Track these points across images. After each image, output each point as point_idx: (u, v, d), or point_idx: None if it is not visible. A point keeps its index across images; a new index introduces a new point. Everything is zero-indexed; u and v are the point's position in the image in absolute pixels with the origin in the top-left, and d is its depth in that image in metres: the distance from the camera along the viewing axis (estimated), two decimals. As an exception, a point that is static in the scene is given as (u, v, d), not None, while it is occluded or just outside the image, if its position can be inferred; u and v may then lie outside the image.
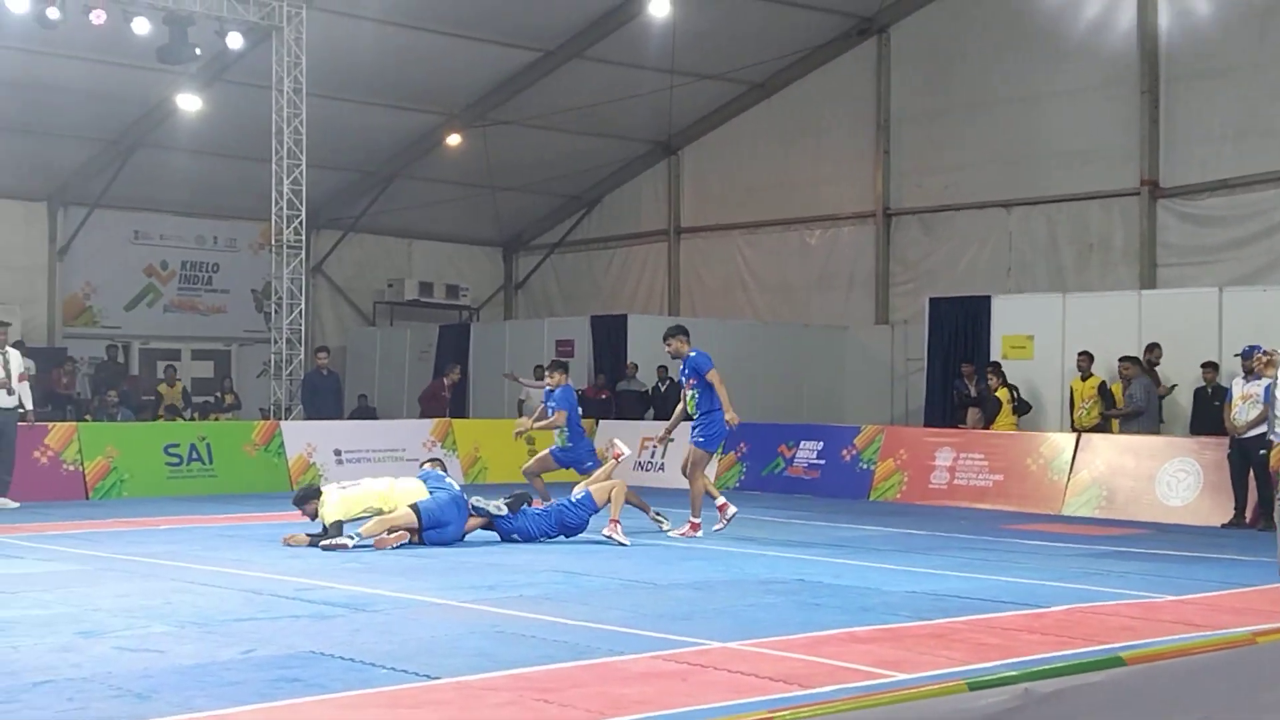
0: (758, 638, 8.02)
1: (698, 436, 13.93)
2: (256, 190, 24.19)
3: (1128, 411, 18.58)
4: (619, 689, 6.68)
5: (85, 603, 9.23)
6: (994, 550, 12.98)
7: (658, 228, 30.77)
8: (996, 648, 7.83)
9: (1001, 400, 19.85)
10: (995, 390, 19.88)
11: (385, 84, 25.63)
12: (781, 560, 11.92)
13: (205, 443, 19.21)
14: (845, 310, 27.62)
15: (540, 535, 13.04)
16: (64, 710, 6.13)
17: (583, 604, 9.35)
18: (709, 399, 13.77)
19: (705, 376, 13.73)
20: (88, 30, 20.23)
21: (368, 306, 31.83)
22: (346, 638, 7.94)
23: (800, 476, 19.82)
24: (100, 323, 28.55)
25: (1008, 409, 19.88)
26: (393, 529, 12.40)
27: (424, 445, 20.62)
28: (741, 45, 26.38)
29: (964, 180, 25.69)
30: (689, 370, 13.85)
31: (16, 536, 13.43)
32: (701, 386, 13.78)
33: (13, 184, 26.73)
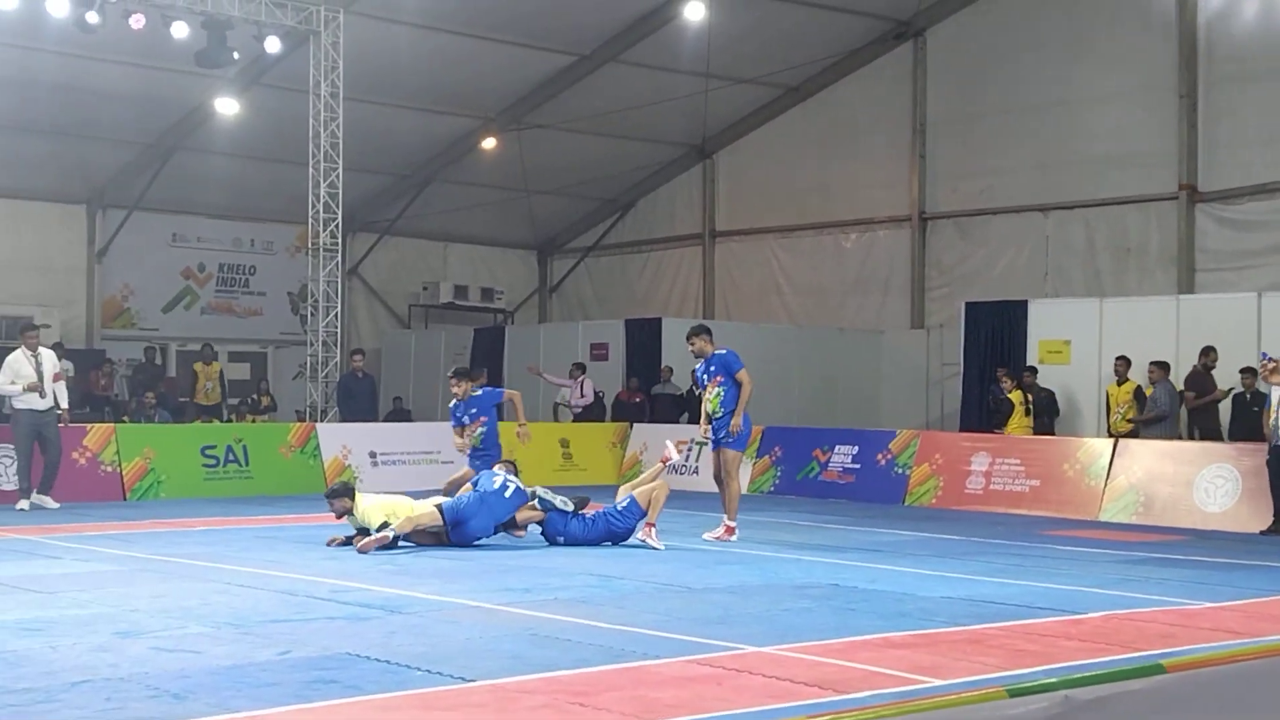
0: (792, 642, 8.00)
1: (728, 438, 13.78)
2: (293, 193, 24.31)
3: (1150, 417, 18.56)
4: (653, 692, 6.67)
5: (123, 603, 9.29)
6: (1030, 556, 12.90)
7: (692, 231, 30.76)
8: (1034, 654, 7.78)
9: (1014, 403, 19.94)
10: (1009, 393, 19.98)
11: (421, 88, 25.72)
12: (816, 565, 11.89)
13: (241, 444, 19.32)
14: (880, 314, 27.54)
15: (585, 542, 13.02)
16: (102, 710, 6.17)
17: (617, 607, 9.35)
18: (735, 398, 13.66)
19: (736, 375, 13.64)
20: (127, 34, 20.38)
21: (403, 309, 31.94)
22: (382, 639, 7.96)
23: (835, 481, 19.77)
24: (138, 325, 28.74)
25: (1020, 411, 19.97)
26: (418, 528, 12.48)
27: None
28: (777, 49, 26.34)
29: (1000, 184, 25.58)
30: (718, 367, 13.69)
31: (55, 537, 13.53)
32: (729, 385, 13.68)
33: (52, 187, 26.94)
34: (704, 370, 13.89)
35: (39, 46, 21.63)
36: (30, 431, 16.29)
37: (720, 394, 13.71)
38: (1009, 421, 19.94)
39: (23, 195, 26.69)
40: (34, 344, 16.55)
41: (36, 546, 12.77)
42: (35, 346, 16.53)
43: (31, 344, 16.53)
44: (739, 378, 13.64)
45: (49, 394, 16.39)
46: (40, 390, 16.25)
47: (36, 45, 21.59)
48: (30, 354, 16.40)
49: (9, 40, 21.37)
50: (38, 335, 16.85)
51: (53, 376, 16.50)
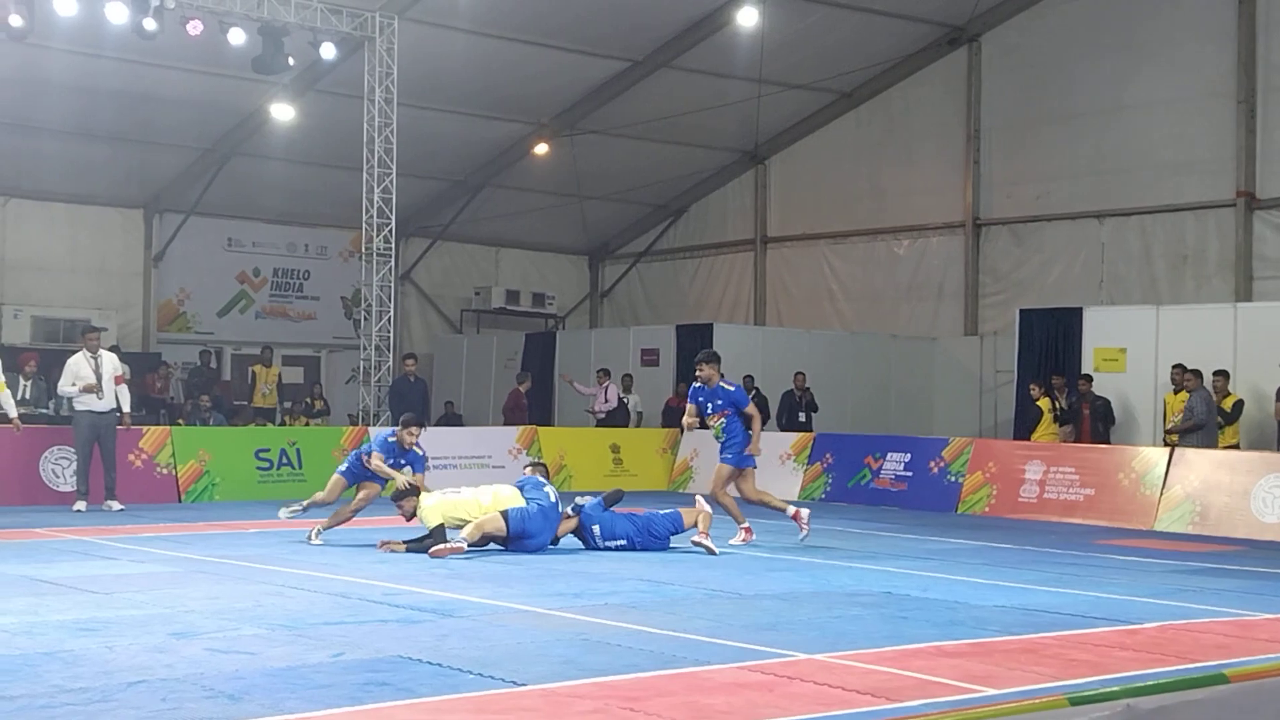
0: (844, 650, 7.96)
1: (728, 454, 14.12)
2: (347, 199, 24.49)
3: (1187, 425, 18.49)
4: (704, 698, 6.66)
5: (178, 604, 9.37)
6: (1085, 565, 12.79)
7: (744, 237, 30.72)
8: (1088, 664, 7.71)
9: (1043, 410, 20.17)
10: (1037, 400, 20.22)
11: (475, 93, 25.83)
12: (868, 572, 11.83)
13: (295, 447, 19.46)
14: (934, 321, 27.41)
15: (622, 534, 13.11)
16: (158, 710, 6.22)
17: (668, 613, 9.34)
18: (737, 428, 14.07)
19: (745, 410, 14.08)
20: (185, 41, 20.58)
21: (455, 314, 32.07)
22: (434, 643, 7.99)
23: (887, 488, 19.67)
24: (194, 328, 29.01)
25: (1048, 418, 20.18)
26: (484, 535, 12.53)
27: (509, 452, 20.75)
28: (830, 54, 26.29)
29: (1056, 190, 25.41)
30: (726, 403, 14.05)
31: (112, 538, 13.68)
32: (735, 417, 14.08)
33: (111, 192, 27.25)
34: (708, 399, 14.09)
35: (100, 53, 21.90)
36: (89, 433, 16.46)
37: (724, 423, 14.09)
38: (1037, 428, 20.17)
39: (82, 200, 27.02)
40: (94, 346, 16.72)
41: (93, 547, 12.91)
42: (96, 349, 16.69)
43: (92, 346, 16.70)
44: (748, 411, 14.11)
45: (108, 396, 16.54)
46: (98, 392, 16.41)
47: (97, 52, 21.86)
48: (90, 356, 16.58)
49: (71, 47, 21.64)
50: (98, 337, 17.01)
51: (113, 379, 16.66)
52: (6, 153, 25.02)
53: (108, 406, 16.56)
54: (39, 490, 17.28)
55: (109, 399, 16.56)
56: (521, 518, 12.71)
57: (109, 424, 16.59)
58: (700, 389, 14.16)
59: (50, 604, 9.31)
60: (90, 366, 16.46)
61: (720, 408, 14.06)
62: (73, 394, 16.54)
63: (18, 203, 26.52)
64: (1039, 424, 20.31)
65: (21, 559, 11.82)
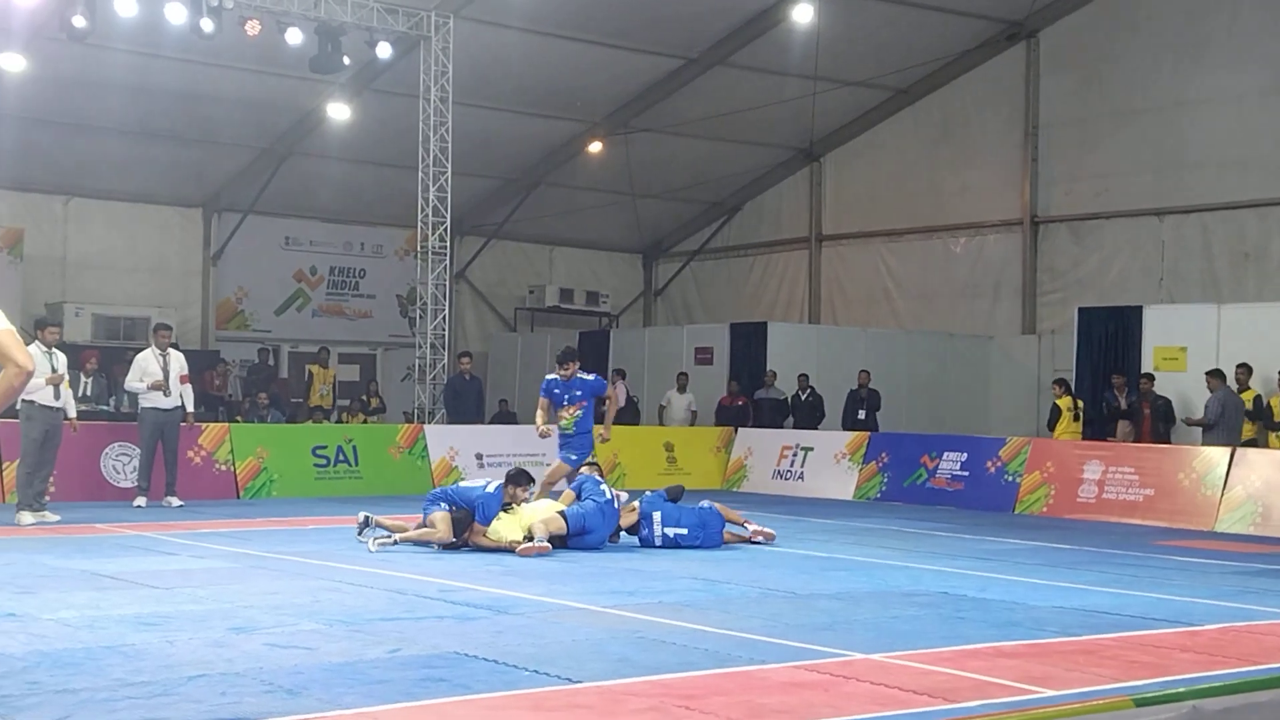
0: (901, 650, 7.92)
1: (570, 454, 14.30)
2: (403, 197, 24.60)
3: (1196, 421, 18.72)
4: (760, 698, 6.64)
5: (237, 599, 9.45)
6: (1144, 566, 12.66)
7: (799, 235, 30.62)
8: (1149, 665, 7.63)
9: (1062, 409, 20.49)
10: (1058, 399, 20.64)
11: (529, 92, 25.88)
12: (925, 572, 11.77)
13: (351, 445, 19.58)
14: (991, 319, 27.22)
15: (685, 523, 13.28)
16: (218, 704, 6.27)
17: (723, 612, 9.32)
18: (587, 425, 14.37)
19: (604, 395, 14.53)
20: (243, 41, 20.76)
21: (509, 312, 32.16)
22: (490, 639, 8.01)
23: (943, 488, 19.55)
24: (252, 326, 29.25)
25: (1067, 417, 20.44)
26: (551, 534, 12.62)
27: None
28: (886, 51, 26.15)
29: (1115, 187, 25.16)
30: (585, 393, 14.30)
31: (172, 534, 13.81)
32: (589, 413, 14.38)
33: (170, 191, 27.52)
34: (565, 390, 14.29)
35: (159, 54, 22.11)
36: (154, 430, 16.61)
37: (579, 415, 14.33)
38: (1057, 427, 20.46)
39: (142, 199, 27.30)
40: (164, 343, 16.85)
41: (154, 543, 13.04)
42: (165, 346, 16.82)
43: (162, 343, 16.84)
44: (607, 395, 14.58)
45: (174, 393, 16.68)
46: (164, 389, 16.56)
47: (156, 52, 22.08)
48: (159, 353, 16.72)
49: (130, 47, 21.87)
50: (169, 335, 17.17)
51: (179, 378, 16.75)
52: (68, 153, 25.31)
53: (173, 404, 16.69)
54: (100, 486, 17.47)
55: (174, 397, 16.70)
56: (580, 516, 12.86)
57: (173, 421, 16.74)
58: (555, 381, 14.30)
59: (112, 599, 9.42)
60: (159, 364, 16.62)
61: (579, 398, 14.29)
62: (140, 390, 16.68)
63: (79, 202, 26.84)
64: (1059, 423, 20.52)
65: (84, 554, 11.97)
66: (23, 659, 7.21)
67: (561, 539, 12.70)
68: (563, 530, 12.71)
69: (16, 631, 8.02)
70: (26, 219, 26.10)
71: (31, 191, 26.23)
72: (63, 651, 7.43)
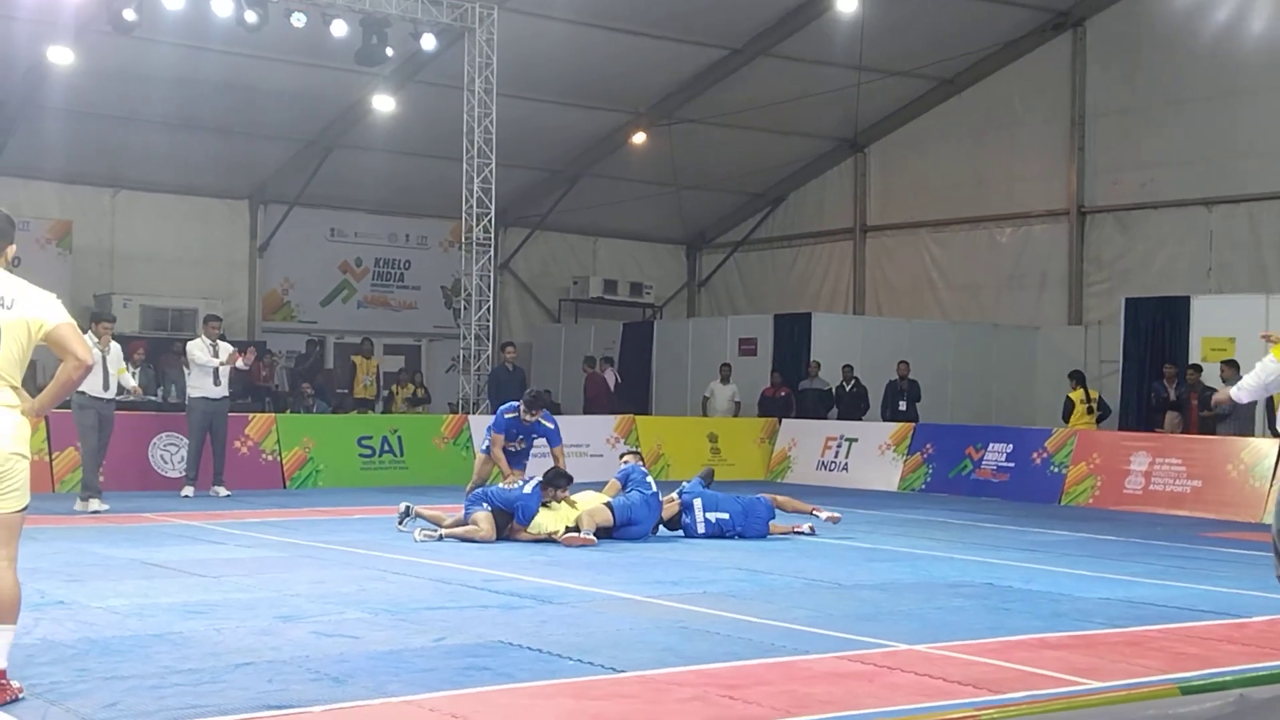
0: (946, 641, 7.90)
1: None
2: (447, 189, 24.67)
3: (1208, 414, 18.66)
4: (804, 688, 6.64)
5: (283, 588, 9.52)
6: (1191, 558, 12.57)
7: (843, 226, 30.51)
8: (1195, 657, 7.57)
9: (1075, 402, 20.90)
10: (1070, 392, 21.22)
11: (573, 83, 25.89)
12: (970, 564, 11.73)
13: (396, 435, 19.69)
14: (1037, 310, 27.04)
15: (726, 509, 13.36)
16: (265, 691, 6.33)
17: (766, 602, 9.32)
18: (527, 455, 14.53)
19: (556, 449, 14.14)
20: (289, 33, 20.86)
21: (553, 303, 32.21)
22: (534, 629, 8.04)
23: (988, 479, 19.47)
24: (298, 317, 29.42)
25: (1080, 409, 20.88)
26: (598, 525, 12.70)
27: (607, 441, 20.81)
28: (931, 41, 26.00)
29: (1162, 177, 24.93)
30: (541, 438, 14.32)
31: (219, 523, 13.93)
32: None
33: (217, 183, 27.71)
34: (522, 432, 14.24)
35: (205, 46, 22.25)
36: (203, 419, 16.73)
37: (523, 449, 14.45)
38: (1069, 419, 20.89)
39: (188, 191, 27.51)
40: (214, 334, 16.99)
41: (201, 532, 13.15)
42: (215, 337, 16.96)
43: (212, 334, 16.98)
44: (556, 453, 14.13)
45: (223, 384, 16.83)
46: (215, 378, 16.69)
47: (203, 45, 22.21)
48: (209, 343, 16.84)
49: (177, 40, 22.01)
50: (218, 326, 17.27)
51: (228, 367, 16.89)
52: (115, 145, 25.53)
53: (221, 394, 16.86)
54: (148, 476, 17.66)
55: (224, 387, 16.86)
56: (627, 507, 12.92)
57: (221, 411, 16.90)
58: (515, 421, 14.11)
59: (160, 587, 9.51)
60: (208, 353, 16.75)
61: (531, 440, 14.36)
62: (213, 364, 16.61)
63: (127, 194, 27.07)
64: (1072, 415, 20.91)
65: (132, 543, 12.09)
66: (72, 646, 7.30)
67: (607, 530, 12.75)
68: (609, 522, 12.77)
69: (66, 619, 8.12)
70: (75, 211, 26.36)
71: (80, 184, 26.48)
72: (112, 639, 7.51)
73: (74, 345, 6.05)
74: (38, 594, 9.05)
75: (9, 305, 5.99)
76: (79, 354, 6.05)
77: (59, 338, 6.04)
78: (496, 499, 12.83)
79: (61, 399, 6.39)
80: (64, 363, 6.09)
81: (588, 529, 12.49)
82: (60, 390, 6.18)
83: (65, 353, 6.05)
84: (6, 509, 6.05)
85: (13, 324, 5.98)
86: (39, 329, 6.03)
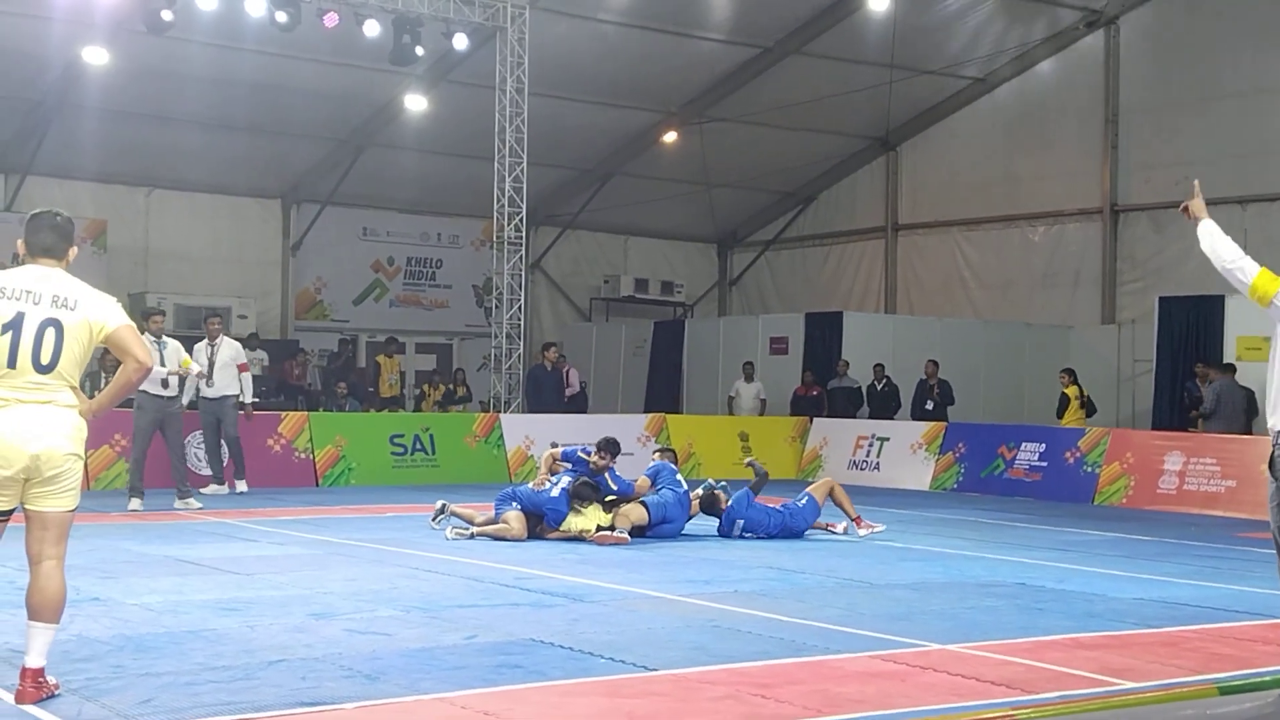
0: (978, 640, 7.87)
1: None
2: (478, 188, 24.71)
3: (1195, 414, 19.07)
4: (836, 687, 6.63)
5: (316, 585, 9.56)
6: (1226, 558, 12.49)
7: (875, 224, 30.42)
8: (1231, 658, 7.51)
9: (1070, 397, 21.40)
10: (1066, 388, 21.40)
11: (604, 82, 25.90)
12: (1002, 563, 11.68)
13: (429, 433, 19.74)
14: (1070, 309, 26.90)
15: (761, 529, 13.23)
16: (298, 688, 6.35)
17: (798, 601, 9.31)
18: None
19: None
20: (321, 33, 20.95)
21: (584, 302, 32.24)
22: (565, 627, 8.05)
23: (1021, 479, 19.39)
24: (330, 316, 29.53)
25: (1074, 405, 21.23)
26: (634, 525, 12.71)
27: (637, 440, 20.78)
28: (963, 39, 25.93)
29: (1196, 175, 24.53)
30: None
31: (252, 521, 14.00)
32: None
33: (250, 182, 27.84)
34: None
35: (238, 46, 22.36)
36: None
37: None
38: (1064, 415, 21.25)
39: (222, 190, 27.65)
40: (214, 333, 16.73)
41: (234, 530, 13.23)
42: (216, 335, 16.70)
43: (212, 333, 16.72)
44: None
45: (219, 383, 16.48)
46: (209, 380, 16.37)
47: (236, 45, 22.32)
48: (209, 344, 16.61)
49: (210, 40, 22.13)
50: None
51: (238, 366, 16.70)
52: (149, 145, 25.68)
53: (218, 394, 16.55)
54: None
55: (219, 386, 16.48)
56: (661, 505, 12.94)
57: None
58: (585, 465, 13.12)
59: (194, 584, 9.57)
60: (205, 354, 16.44)
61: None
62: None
63: (161, 193, 27.22)
64: (1066, 411, 21.23)
65: (166, 540, 12.16)
66: (107, 643, 7.35)
67: (641, 529, 12.76)
68: (644, 520, 12.79)
69: (101, 616, 8.17)
70: (110, 211, 26.52)
71: (114, 183, 26.65)
72: (146, 636, 7.56)
73: (134, 348, 6.15)
74: (73, 590, 9.05)
75: (72, 306, 6.07)
76: (139, 356, 6.14)
77: (119, 340, 6.13)
78: (525, 500, 12.84)
79: (120, 400, 6.46)
80: (124, 364, 6.17)
81: (623, 528, 12.49)
82: (120, 391, 6.27)
83: (125, 355, 6.14)
84: (60, 508, 6.12)
85: (75, 325, 6.05)
86: (100, 331, 6.11)
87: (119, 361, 6.23)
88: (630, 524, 12.63)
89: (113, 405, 6.45)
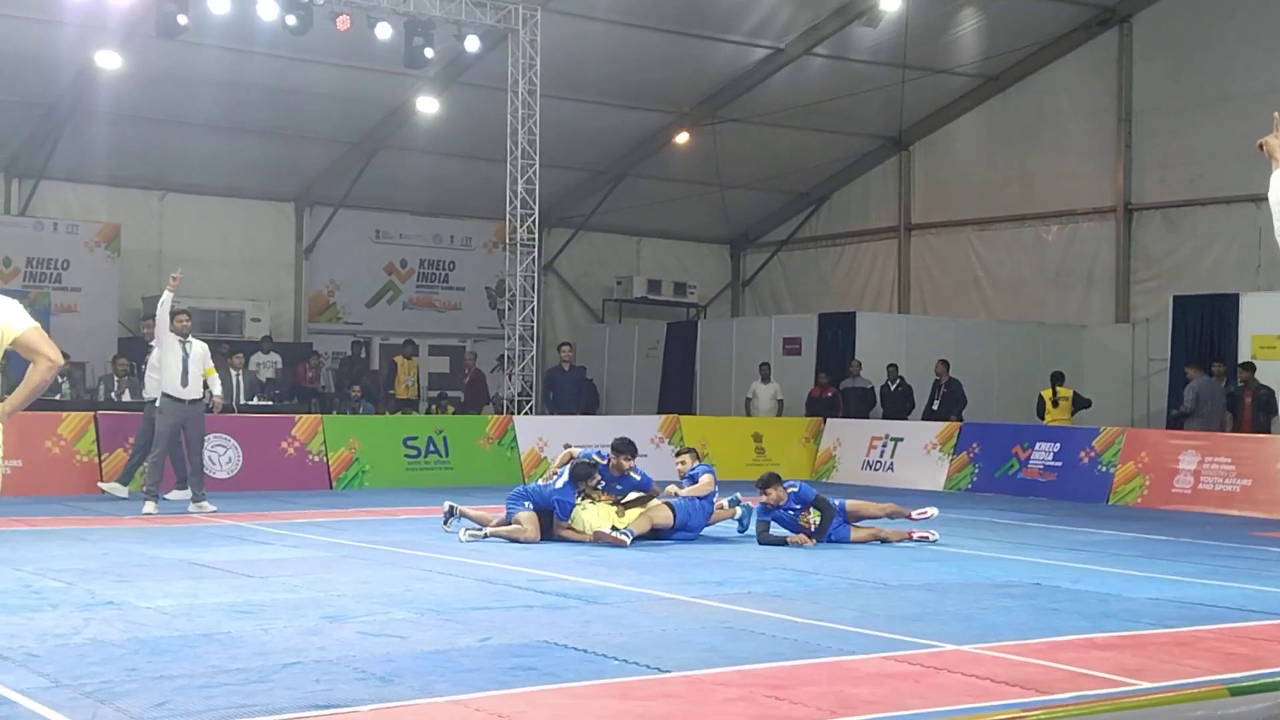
0: (993, 641, 7.85)
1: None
2: (491, 190, 24.72)
3: (1176, 412, 19.24)
4: (850, 688, 6.62)
5: (330, 588, 9.57)
6: (1242, 558, 12.45)
7: (887, 224, 30.38)
8: (1246, 658, 7.49)
9: (1044, 399, 21.67)
10: (1042, 391, 21.88)
11: (616, 83, 25.90)
12: (1017, 564, 11.66)
13: (442, 436, 19.76)
14: (1083, 308, 26.85)
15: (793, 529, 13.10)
16: (312, 691, 6.36)
17: (811, 602, 9.30)
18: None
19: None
20: (333, 36, 20.97)
21: (597, 303, 32.24)
22: (578, 629, 8.05)
23: (1035, 479, 19.35)
24: (343, 319, 29.57)
25: (1048, 406, 21.66)
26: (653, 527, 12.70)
27: (651, 441, 20.76)
28: (976, 38, 25.87)
29: (1210, 174, 24.68)
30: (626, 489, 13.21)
31: (265, 523, 14.02)
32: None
33: (263, 185, 27.89)
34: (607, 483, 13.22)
35: (250, 49, 22.39)
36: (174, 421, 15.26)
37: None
38: (1045, 415, 21.69)
39: (235, 193, 27.69)
40: (183, 330, 15.39)
41: (248, 533, 13.24)
42: (185, 333, 15.41)
43: (181, 331, 15.39)
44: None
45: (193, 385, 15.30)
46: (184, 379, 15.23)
47: (248, 48, 22.36)
48: (180, 342, 15.33)
49: (222, 43, 22.17)
50: (186, 320, 15.47)
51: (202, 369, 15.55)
52: (162, 149, 25.72)
53: (191, 396, 15.33)
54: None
55: (193, 389, 15.32)
56: (687, 510, 12.98)
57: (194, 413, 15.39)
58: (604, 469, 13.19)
59: (208, 587, 9.58)
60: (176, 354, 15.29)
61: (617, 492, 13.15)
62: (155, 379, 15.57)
63: (174, 197, 27.27)
64: (1047, 413, 21.68)
65: (179, 543, 12.19)
66: (122, 646, 7.37)
67: (665, 531, 12.75)
68: (669, 523, 12.80)
69: (116, 619, 8.19)
70: (123, 214, 26.58)
71: (127, 187, 26.70)
72: (160, 639, 7.57)
73: (43, 347, 6.25)
74: (88, 594, 9.15)
75: None
76: (50, 355, 6.25)
77: (28, 342, 6.23)
78: (535, 497, 12.87)
79: (33, 399, 6.44)
80: (35, 364, 6.24)
81: (636, 529, 12.45)
82: (32, 391, 6.30)
83: (36, 355, 6.23)
84: None
85: None
86: (7, 336, 6.19)
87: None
88: (652, 525, 12.60)
89: (25, 405, 6.36)
